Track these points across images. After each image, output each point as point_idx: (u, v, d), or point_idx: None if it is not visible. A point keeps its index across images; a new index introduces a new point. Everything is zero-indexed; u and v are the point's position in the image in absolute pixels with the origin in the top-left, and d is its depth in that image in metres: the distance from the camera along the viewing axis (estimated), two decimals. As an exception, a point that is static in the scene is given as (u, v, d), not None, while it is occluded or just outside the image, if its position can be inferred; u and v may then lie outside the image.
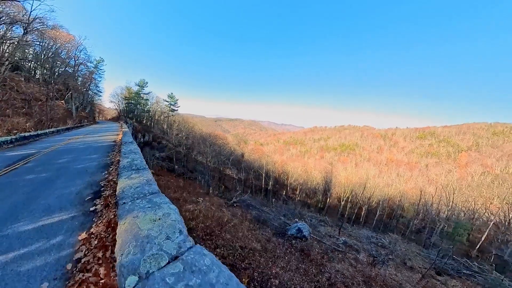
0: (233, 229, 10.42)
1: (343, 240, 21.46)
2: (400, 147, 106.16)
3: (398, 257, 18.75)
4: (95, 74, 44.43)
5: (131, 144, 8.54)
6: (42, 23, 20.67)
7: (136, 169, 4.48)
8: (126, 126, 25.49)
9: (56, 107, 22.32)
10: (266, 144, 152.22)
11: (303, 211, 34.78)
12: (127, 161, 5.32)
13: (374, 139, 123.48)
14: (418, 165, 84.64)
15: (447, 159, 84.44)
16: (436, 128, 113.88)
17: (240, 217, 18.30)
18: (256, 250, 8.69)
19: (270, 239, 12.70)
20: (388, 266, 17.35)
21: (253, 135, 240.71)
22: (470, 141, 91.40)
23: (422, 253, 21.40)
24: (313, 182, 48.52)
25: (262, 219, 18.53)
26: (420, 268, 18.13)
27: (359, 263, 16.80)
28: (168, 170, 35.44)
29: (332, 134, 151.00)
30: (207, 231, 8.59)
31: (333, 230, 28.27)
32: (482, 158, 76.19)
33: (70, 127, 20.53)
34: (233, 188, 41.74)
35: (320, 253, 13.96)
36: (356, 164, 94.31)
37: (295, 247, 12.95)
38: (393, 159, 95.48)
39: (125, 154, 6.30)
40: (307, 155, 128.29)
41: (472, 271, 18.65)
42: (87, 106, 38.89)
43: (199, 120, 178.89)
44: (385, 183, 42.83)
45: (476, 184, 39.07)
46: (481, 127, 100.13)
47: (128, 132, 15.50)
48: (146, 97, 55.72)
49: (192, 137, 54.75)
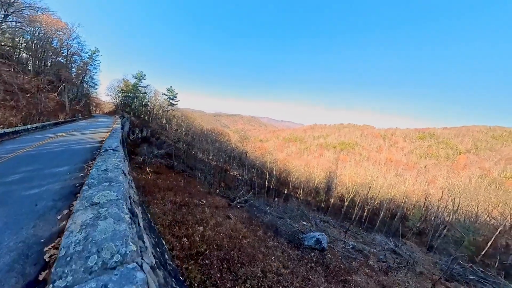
0: (249, 247, 9.39)
1: (352, 245, 20.90)
2: (399, 147, 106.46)
3: (409, 264, 18.33)
4: (90, 65, 41.98)
5: (113, 155, 5.37)
6: (30, 7, 18.71)
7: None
8: (119, 121, 23.29)
9: (48, 100, 20.60)
10: (265, 141, 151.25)
11: (306, 211, 34.23)
12: (91, 214, 2.35)
13: (374, 138, 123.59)
14: (417, 165, 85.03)
15: (445, 160, 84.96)
16: (435, 130, 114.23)
17: (248, 224, 17.34)
18: (280, 274, 7.66)
19: (289, 256, 11.75)
20: (399, 273, 17.01)
21: (253, 131, 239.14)
22: (469, 144, 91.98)
23: (431, 259, 21.06)
24: (315, 181, 47.92)
25: (272, 225, 17.59)
26: (429, 274, 17.76)
27: (373, 270, 16.30)
28: (167, 167, 34.18)
29: (332, 132, 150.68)
30: (223, 255, 7.44)
31: (338, 231, 27.81)
32: (480, 161, 76.80)
33: (59, 121, 18.80)
34: (234, 186, 40.88)
35: (342, 268, 13.18)
36: (355, 163, 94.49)
37: (315, 261, 12.15)
38: (392, 159, 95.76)
39: (93, 186, 3.18)
40: (306, 152, 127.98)
41: (478, 277, 18.34)
42: (82, 99, 36.82)
43: (199, 115, 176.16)
44: (388, 184, 42.45)
45: (474, 187, 38.92)
46: (480, 130, 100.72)
47: (118, 130, 12.71)
48: (144, 90, 53.53)
49: (192, 133, 53.24)
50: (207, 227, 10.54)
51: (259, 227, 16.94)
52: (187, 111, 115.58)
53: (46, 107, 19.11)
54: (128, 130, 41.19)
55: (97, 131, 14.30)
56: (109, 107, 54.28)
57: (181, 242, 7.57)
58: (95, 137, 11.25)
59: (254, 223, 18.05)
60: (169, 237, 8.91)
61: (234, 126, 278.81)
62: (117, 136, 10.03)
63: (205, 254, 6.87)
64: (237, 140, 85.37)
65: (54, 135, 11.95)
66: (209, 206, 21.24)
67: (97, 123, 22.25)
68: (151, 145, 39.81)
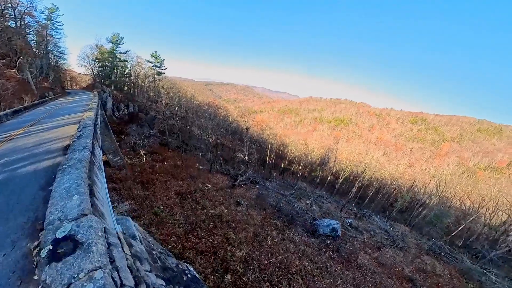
0: (275, 247, 9.07)
1: (349, 222, 22.56)
2: (391, 128, 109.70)
3: (397, 242, 20.53)
4: (50, 29, 33.00)
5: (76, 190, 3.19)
6: None
7: None
8: (97, 99, 17.98)
9: (5, 79, 15.81)
10: (260, 112, 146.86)
11: (305, 187, 35.75)
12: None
13: (369, 117, 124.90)
14: (404, 147, 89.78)
15: (430, 146, 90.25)
16: (428, 115, 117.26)
17: (260, 210, 17.13)
18: (311, 272, 7.45)
19: (308, 244, 11.88)
20: (388, 249, 19.18)
21: (246, 101, 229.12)
22: (455, 133, 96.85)
23: (413, 239, 23.88)
24: (312, 157, 48.91)
25: (286, 213, 17.56)
26: (409, 249, 20.36)
27: (368, 247, 18.09)
28: (161, 145, 31.96)
29: (327, 106, 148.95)
30: (257, 264, 6.79)
31: (333, 207, 29.78)
32: (461, 150, 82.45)
33: (21, 107, 13.77)
34: (233, 161, 40.43)
35: (351, 250, 13.93)
36: (347, 139, 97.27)
37: (332, 249, 12.64)
38: (383, 139, 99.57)
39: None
40: (300, 125, 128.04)
41: (445, 253, 21.43)
42: (50, 73, 29.97)
43: (188, 84, 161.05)
44: (381, 165, 44.68)
45: (455, 176, 42.36)
46: (469, 121, 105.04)
47: (88, 125, 7.93)
48: (124, 58, 45.24)
49: (186, 106, 48.57)
50: (230, 232, 9.88)
51: (272, 213, 16.99)
52: (177, 80, 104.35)
53: (5, 88, 14.61)
54: (112, 106, 36.11)
55: (67, 121, 10.25)
56: (86, 80, 45.97)
57: (210, 261, 6.73)
58: (60, 135, 7.68)
59: (265, 207, 18.04)
60: (192, 254, 8.03)
61: (227, 95, 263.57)
62: (87, 136, 6.45)
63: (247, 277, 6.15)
64: (237, 114, 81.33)
65: (2, 137, 7.58)
66: (214, 190, 20.64)
67: (71, 104, 17.80)
68: (141, 123, 36.04)
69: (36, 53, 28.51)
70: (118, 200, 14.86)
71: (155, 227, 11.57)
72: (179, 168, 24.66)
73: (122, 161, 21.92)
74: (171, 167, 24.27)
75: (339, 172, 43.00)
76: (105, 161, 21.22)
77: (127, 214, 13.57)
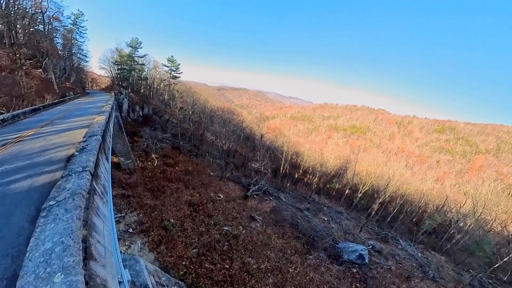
0: (298, 277, 7.79)
1: (371, 244, 20.15)
2: (414, 138, 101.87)
3: (428, 274, 17.83)
4: (75, 33, 35.76)
5: None
6: None
7: None
8: (112, 101, 17.70)
9: (31, 78, 16.64)
10: (272, 118, 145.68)
11: (319, 200, 33.55)
12: None
13: (388, 125, 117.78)
14: (429, 159, 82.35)
15: (461, 158, 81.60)
16: (457, 124, 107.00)
17: (276, 228, 15.83)
18: None
19: (332, 274, 10.32)
20: (419, 280, 16.71)
21: (258, 107, 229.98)
22: (491, 144, 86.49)
23: (453, 269, 20.66)
24: (327, 168, 46.37)
25: (304, 233, 16.03)
26: (445, 281, 17.54)
27: (396, 277, 15.83)
28: (173, 148, 32.27)
29: (343, 113, 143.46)
30: None
31: (352, 225, 27.29)
32: (499, 164, 73.29)
33: (40, 106, 14.06)
34: (242, 166, 39.55)
35: (379, 280, 12.06)
36: (364, 149, 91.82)
37: (359, 280, 10.95)
38: (404, 149, 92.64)
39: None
40: (314, 133, 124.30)
41: None
42: (72, 74, 32.07)
43: (202, 89, 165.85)
44: (405, 180, 40.82)
45: (494, 194, 37.01)
46: (508, 130, 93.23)
47: (96, 133, 6.91)
48: (142, 61, 47.34)
49: (200, 111, 49.16)
50: (247, 258, 8.77)
51: (291, 232, 15.56)
52: (191, 85, 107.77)
53: (29, 87, 15.18)
54: (128, 108, 37.53)
55: (79, 123, 9.99)
56: (105, 82, 48.80)
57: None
58: (68, 140, 7.20)
59: (281, 223, 16.66)
60: (207, 285, 7.01)
61: (239, 100, 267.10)
62: (92, 148, 5.49)
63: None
64: (250, 120, 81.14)
65: (12, 138, 7.28)
66: (226, 200, 19.73)
67: (86, 105, 18.05)
68: (155, 125, 36.98)
69: (61, 55, 30.49)
70: (126, 210, 14.49)
71: (164, 246, 10.78)
72: (190, 174, 24.26)
73: (133, 165, 21.91)
74: (182, 173, 23.90)
75: (357, 185, 40.02)
76: (116, 163, 21.19)
77: (135, 228, 13.03)
